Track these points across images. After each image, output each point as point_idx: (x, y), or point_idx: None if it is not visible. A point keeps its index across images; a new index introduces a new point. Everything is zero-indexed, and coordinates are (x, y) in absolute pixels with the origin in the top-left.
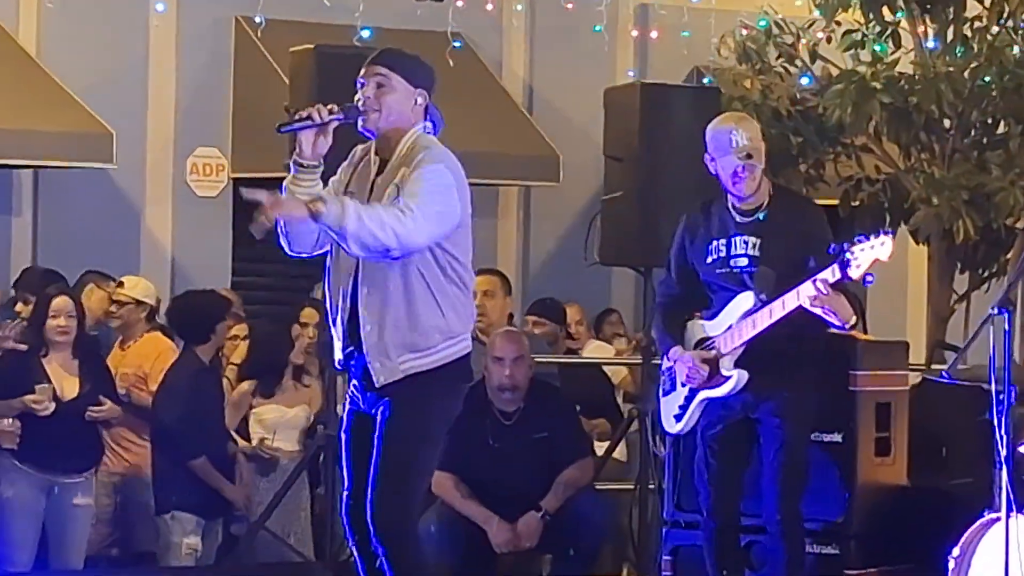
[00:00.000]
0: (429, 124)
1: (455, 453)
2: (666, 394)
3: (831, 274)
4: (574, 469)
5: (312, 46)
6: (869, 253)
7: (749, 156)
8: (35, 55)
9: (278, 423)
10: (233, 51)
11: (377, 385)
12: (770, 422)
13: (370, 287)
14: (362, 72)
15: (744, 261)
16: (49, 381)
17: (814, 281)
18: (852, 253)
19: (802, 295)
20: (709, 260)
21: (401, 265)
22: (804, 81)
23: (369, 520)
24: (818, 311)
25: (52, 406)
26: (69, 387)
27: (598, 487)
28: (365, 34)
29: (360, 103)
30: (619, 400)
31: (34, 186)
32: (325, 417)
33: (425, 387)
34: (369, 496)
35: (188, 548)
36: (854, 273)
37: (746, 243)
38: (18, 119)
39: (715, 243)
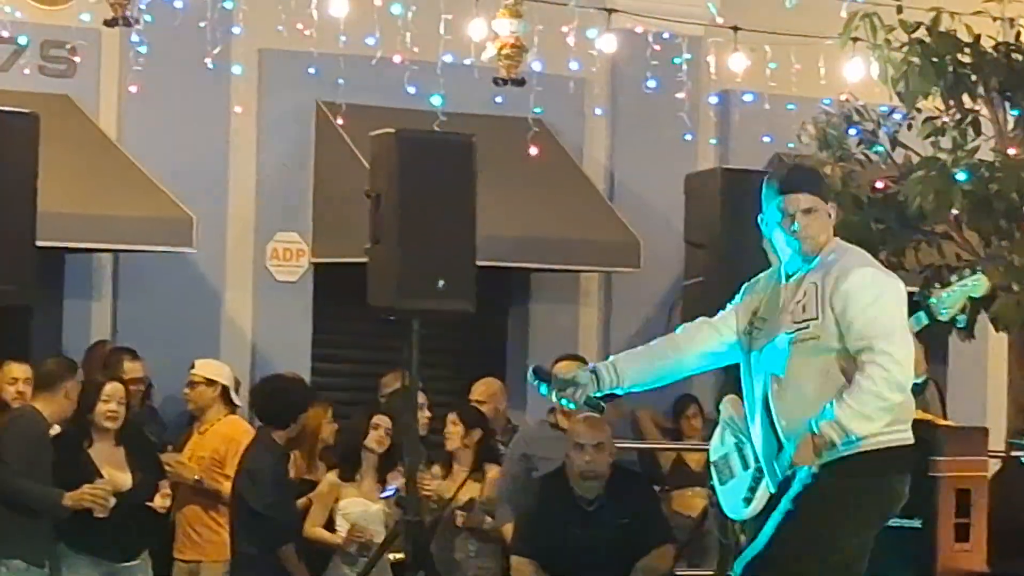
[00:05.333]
0: None
1: (536, 539)
2: (724, 483)
3: (915, 322)
4: (654, 556)
5: (393, 130)
6: (960, 292)
7: None
8: (115, 139)
9: (362, 517)
10: (314, 135)
11: None
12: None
13: None
14: (787, 200)
15: None
16: (100, 475)
17: None
18: (939, 297)
19: None
20: None
21: None
22: (884, 168)
23: None
24: None
25: (113, 501)
26: (121, 479)
27: (677, 573)
28: (445, 119)
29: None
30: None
31: (114, 270)
32: (405, 502)
33: None
34: None
35: None
36: (944, 315)
37: None
38: (98, 203)
39: None
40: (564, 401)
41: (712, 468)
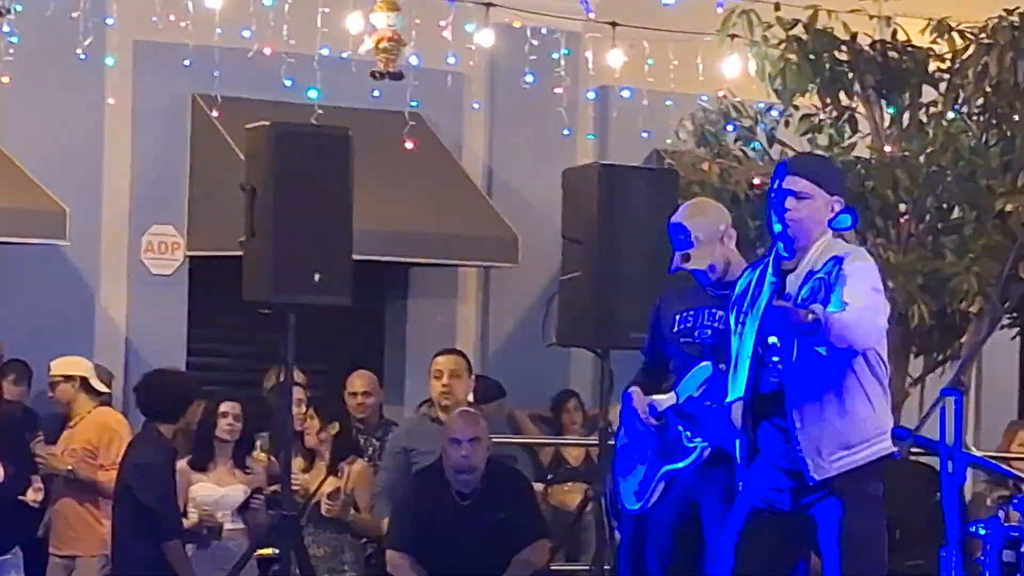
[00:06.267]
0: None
1: (411, 534)
2: (625, 475)
3: None
4: (530, 551)
5: (268, 123)
6: None
7: (687, 259)
8: None
9: (211, 501)
10: (190, 128)
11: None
12: (714, 507)
13: None
14: (784, 181)
15: (708, 332)
16: None
17: None
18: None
19: None
20: (675, 329)
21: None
22: (762, 164)
23: None
24: None
25: None
26: None
27: (553, 568)
28: (322, 112)
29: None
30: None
31: None
32: (281, 498)
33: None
34: None
35: None
36: None
37: (713, 315)
38: None
39: (685, 313)
40: None
41: (615, 456)
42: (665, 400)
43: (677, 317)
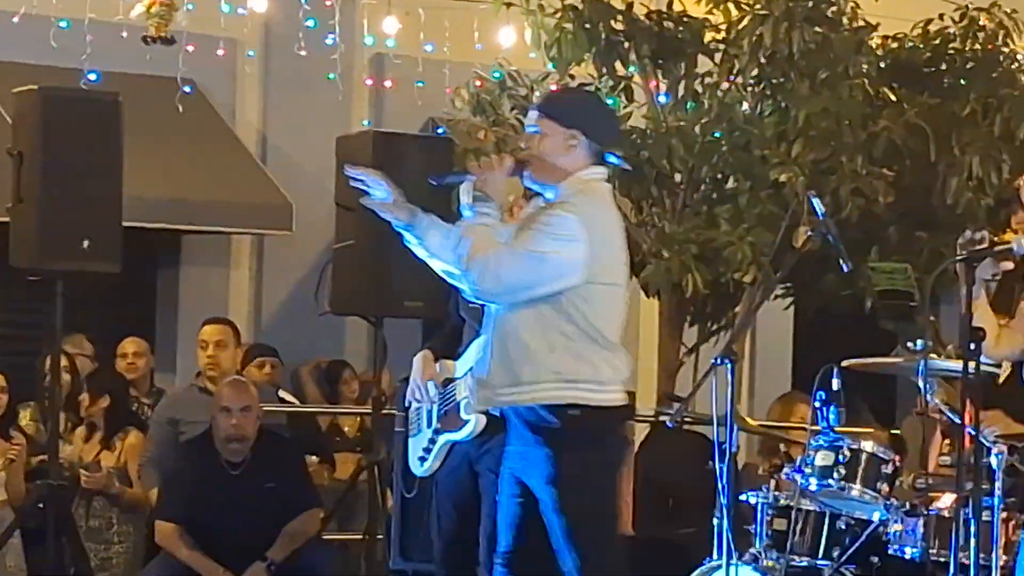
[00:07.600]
0: None
1: (180, 504)
2: (413, 436)
3: None
4: (301, 519)
5: (36, 87)
6: None
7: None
8: None
9: None
10: None
11: None
12: (487, 476)
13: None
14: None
15: None
16: None
17: None
18: None
19: None
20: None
21: None
22: None
23: None
24: None
25: None
26: None
27: (325, 537)
28: (92, 77)
29: None
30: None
31: None
32: (47, 467)
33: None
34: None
35: None
36: None
37: None
38: None
39: None
40: None
41: (408, 418)
42: (452, 368)
43: None
